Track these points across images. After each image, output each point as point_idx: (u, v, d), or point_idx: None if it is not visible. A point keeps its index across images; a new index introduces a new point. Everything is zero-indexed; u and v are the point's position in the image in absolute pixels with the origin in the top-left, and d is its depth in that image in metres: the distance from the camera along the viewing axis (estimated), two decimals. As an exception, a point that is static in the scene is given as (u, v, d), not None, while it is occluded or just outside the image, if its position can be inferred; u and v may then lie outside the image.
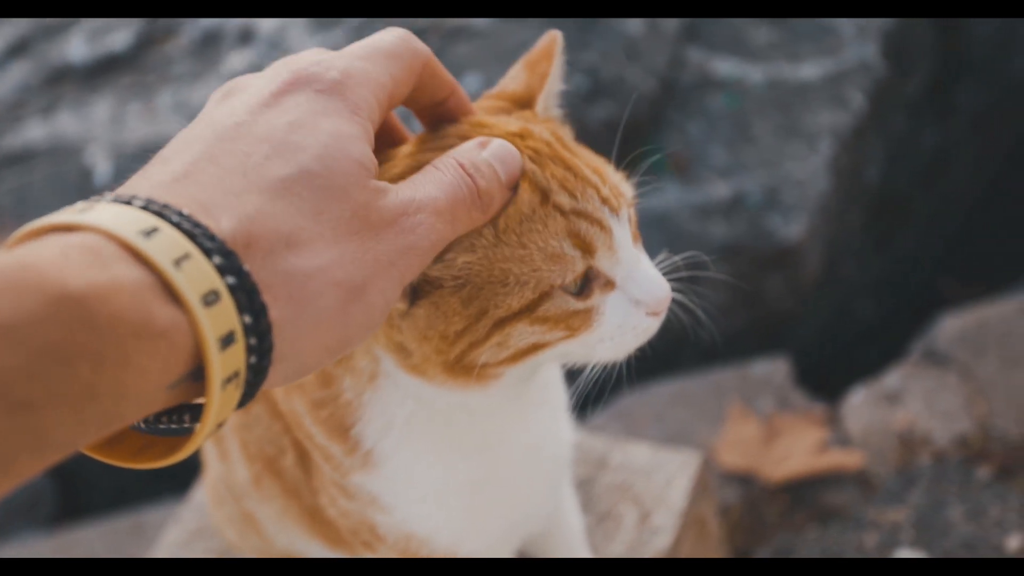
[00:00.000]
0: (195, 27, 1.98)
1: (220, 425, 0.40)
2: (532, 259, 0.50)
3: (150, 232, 0.36)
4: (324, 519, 0.66)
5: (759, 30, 1.80)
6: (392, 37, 0.50)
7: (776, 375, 1.39)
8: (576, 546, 0.77)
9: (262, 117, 0.44)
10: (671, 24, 1.78)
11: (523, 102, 0.58)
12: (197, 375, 0.38)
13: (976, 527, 1.10)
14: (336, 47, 0.50)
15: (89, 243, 0.36)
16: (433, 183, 0.47)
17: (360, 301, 0.43)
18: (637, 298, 0.53)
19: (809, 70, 1.74)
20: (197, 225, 0.38)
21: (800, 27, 1.79)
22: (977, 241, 1.96)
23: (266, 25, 1.90)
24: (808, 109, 1.69)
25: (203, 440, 0.39)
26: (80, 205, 0.38)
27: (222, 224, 0.39)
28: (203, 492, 0.97)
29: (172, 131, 1.79)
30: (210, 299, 0.37)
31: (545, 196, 0.51)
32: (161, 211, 0.38)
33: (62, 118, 1.95)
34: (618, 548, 0.81)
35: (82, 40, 2.03)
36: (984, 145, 2.01)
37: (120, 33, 2.02)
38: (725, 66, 1.76)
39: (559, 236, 0.51)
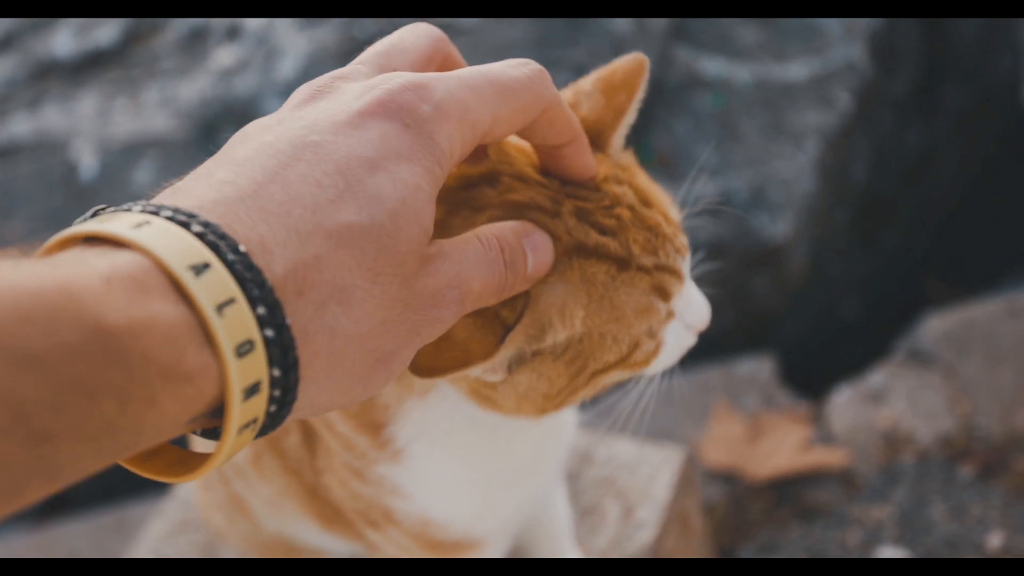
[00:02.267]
0: (182, 22, 1.98)
1: (228, 458, 0.39)
2: (626, 318, 0.52)
3: (201, 269, 0.35)
4: (323, 498, 0.66)
5: (746, 29, 1.80)
6: (517, 74, 0.46)
7: (761, 373, 1.40)
8: (564, 539, 0.78)
9: (344, 140, 0.40)
10: (659, 23, 1.78)
11: (591, 136, 0.54)
12: (216, 412, 0.37)
13: (958, 525, 1.10)
14: (323, 44, 0.48)
15: (136, 272, 0.34)
16: (474, 262, 0.45)
17: (385, 368, 0.42)
18: (690, 323, 0.56)
19: (796, 70, 1.75)
20: (250, 267, 0.36)
21: (787, 27, 1.80)
22: (962, 241, 1.97)
23: (253, 21, 1.90)
24: (795, 109, 1.70)
25: (209, 471, 0.39)
26: (135, 217, 0.36)
27: (276, 267, 0.37)
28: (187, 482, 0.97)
29: (158, 126, 1.76)
30: (244, 349, 0.35)
31: (627, 263, 0.51)
32: (217, 244, 0.36)
33: (47, 113, 1.94)
34: (602, 542, 0.81)
35: (68, 35, 2.03)
36: (968, 145, 2.02)
37: (106, 28, 2.01)
38: (712, 65, 1.77)
39: (647, 292, 0.52)
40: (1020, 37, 1.65)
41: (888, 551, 1.09)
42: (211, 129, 1.81)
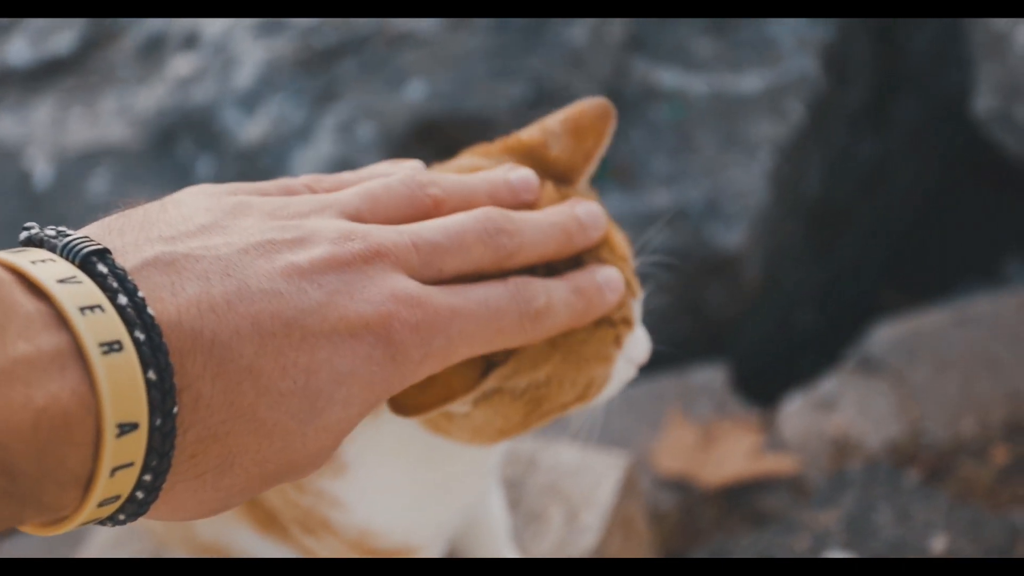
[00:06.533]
0: (139, 30, 1.97)
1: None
2: (589, 366, 0.54)
3: (128, 429, 0.35)
4: (258, 505, 0.66)
5: (702, 41, 1.82)
6: (514, 321, 0.46)
7: (715, 382, 1.41)
8: (502, 542, 0.78)
9: (335, 346, 0.39)
10: (615, 34, 1.80)
11: (561, 178, 0.56)
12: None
13: (904, 529, 1.12)
14: (282, 53, 0.48)
15: (71, 417, 0.34)
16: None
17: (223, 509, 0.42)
18: (632, 358, 0.57)
19: (750, 81, 1.77)
20: (165, 437, 0.36)
21: (741, 38, 1.82)
22: (916, 251, 2.00)
23: (211, 29, 1.89)
24: (749, 120, 1.72)
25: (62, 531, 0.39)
26: (113, 326, 0.35)
27: (190, 434, 0.37)
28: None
29: (115, 135, 1.74)
30: (109, 502, 0.36)
31: (602, 319, 0.54)
32: (156, 403, 0.35)
33: (1, 121, 1.92)
34: (546, 547, 0.81)
35: (23, 42, 2.01)
36: (920, 157, 2.05)
37: (63, 35, 2.00)
38: (669, 76, 1.79)
39: (608, 343, 0.54)
40: (969, 50, 1.68)
41: (835, 555, 1.10)
42: (168, 138, 1.80)
